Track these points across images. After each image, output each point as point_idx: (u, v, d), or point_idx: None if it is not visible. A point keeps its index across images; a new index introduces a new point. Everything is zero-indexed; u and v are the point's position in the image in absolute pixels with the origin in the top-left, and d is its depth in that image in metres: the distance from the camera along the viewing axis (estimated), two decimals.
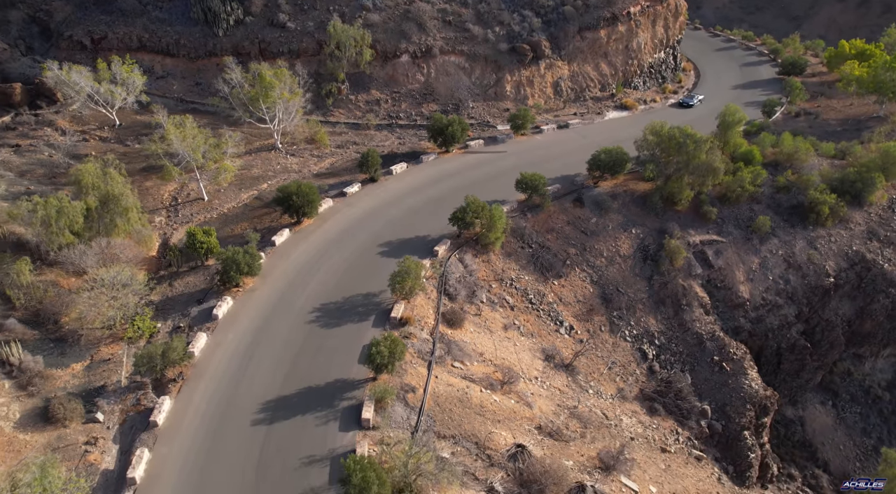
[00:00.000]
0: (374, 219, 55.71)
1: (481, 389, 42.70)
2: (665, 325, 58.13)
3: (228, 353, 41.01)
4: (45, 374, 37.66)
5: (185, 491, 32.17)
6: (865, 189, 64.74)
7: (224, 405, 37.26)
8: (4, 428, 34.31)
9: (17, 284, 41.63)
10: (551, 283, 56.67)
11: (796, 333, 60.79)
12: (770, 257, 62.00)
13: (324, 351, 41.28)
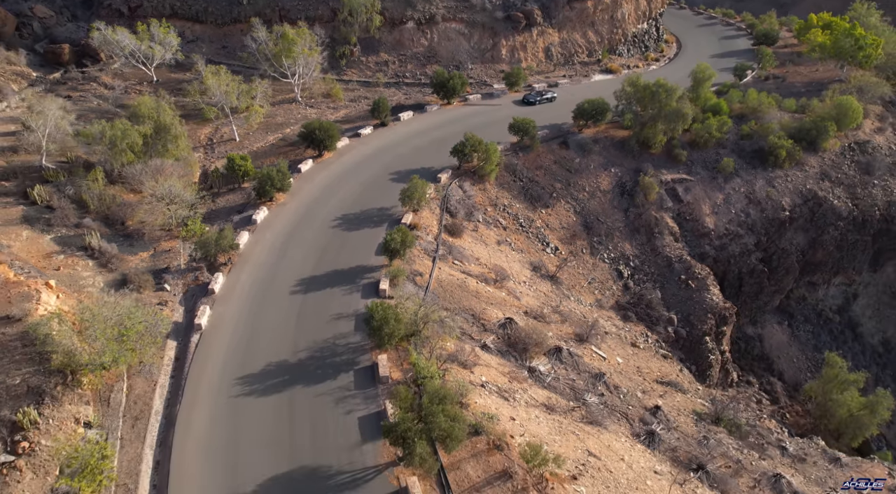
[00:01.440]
0: (385, 154, 64.04)
1: (477, 281, 51.08)
2: (639, 250, 66.46)
3: (266, 247, 49.41)
4: (119, 257, 46.02)
5: (240, 334, 40.60)
6: (820, 136, 73.02)
7: (267, 281, 45.68)
8: (92, 292, 42.62)
9: (92, 191, 50.01)
10: (539, 211, 65.00)
11: (755, 260, 69.06)
12: (733, 194, 70.30)
13: (346, 247, 49.68)
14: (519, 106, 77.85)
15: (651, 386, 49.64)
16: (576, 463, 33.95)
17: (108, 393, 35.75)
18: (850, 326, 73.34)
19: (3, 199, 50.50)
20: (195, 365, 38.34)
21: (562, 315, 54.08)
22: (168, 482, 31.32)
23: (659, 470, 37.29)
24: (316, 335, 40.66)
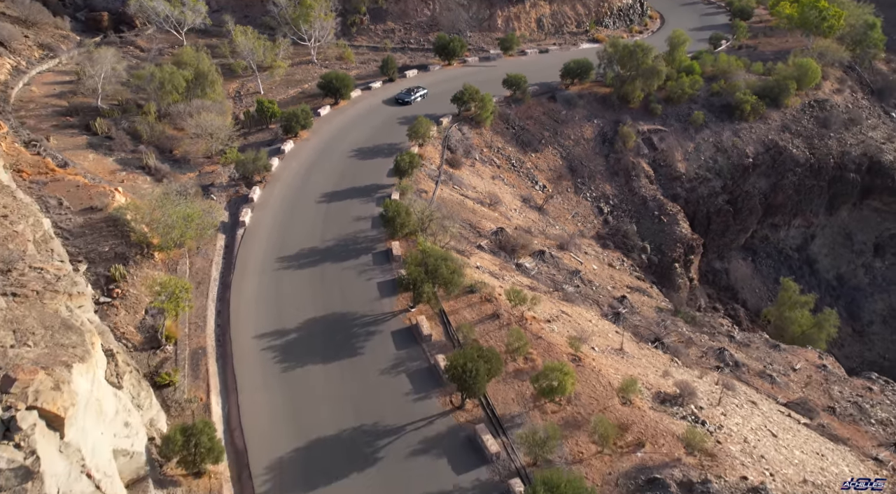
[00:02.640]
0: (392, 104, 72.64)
1: (474, 202, 59.67)
2: (618, 190, 75.01)
3: (294, 170, 58.06)
4: (171, 174, 54.59)
5: (277, 229, 49.26)
6: (782, 94, 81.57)
7: (296, 193, 54.33)
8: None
9: (145, 122, 58.63)
10: (529, 155, 73.58)
11: (722, 201, 77.58)
12: (703, 143, 78.84)
13: (362, 170, 58.31)
14: (391, 106, 72.15)
15: (621, 287, 58.29)
16: (550, 315, 42.57)
17: (174, 265, 44.37)
18: (808, 263, 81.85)
19: (69, 131, 59.10)
20: (242, 249, 46.97)
21: (546, 234, 62.67)
22: (229, 322, 40.00)
23: (619, 331, 45.93)
24: (340, 230, 49.31)
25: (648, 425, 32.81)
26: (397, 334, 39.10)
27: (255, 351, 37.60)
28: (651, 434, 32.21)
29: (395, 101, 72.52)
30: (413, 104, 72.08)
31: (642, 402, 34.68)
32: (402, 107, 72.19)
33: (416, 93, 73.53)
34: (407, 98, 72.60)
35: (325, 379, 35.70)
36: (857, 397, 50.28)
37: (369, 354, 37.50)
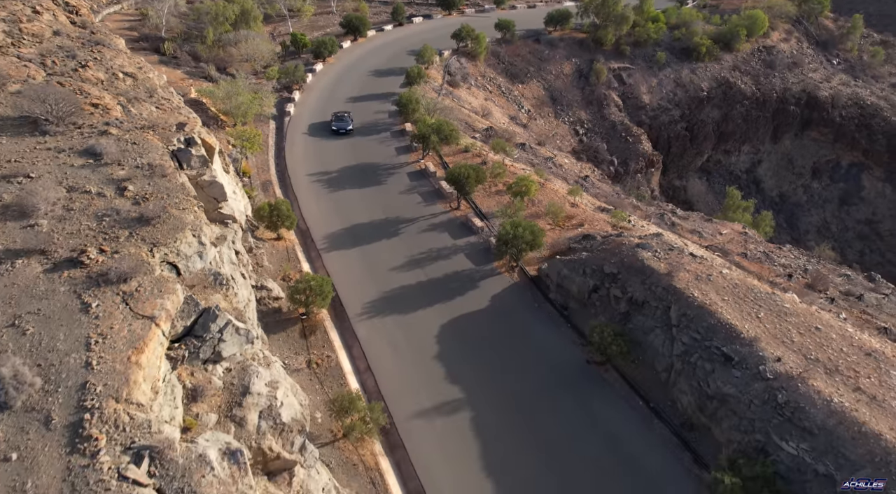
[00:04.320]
0: (403, 41, 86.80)
1: (469, 112, 73.72)
2: (591, 116, 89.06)
3: (324, 82, 72.25)
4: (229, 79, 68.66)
5: (315, 116, 63.41)
6: (733, 39, 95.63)
7: (328, 96, 68.51)
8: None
9: (204, 45, 72.82)
10: (517, 85, 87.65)
11: (680, 128, 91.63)
12: (664, 79, 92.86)
13: (379, 83, 72.45)
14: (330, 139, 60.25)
15: (586, 172, 72.39)
16: (524, 168, 56.64)
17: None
18: (755, 182, 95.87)
19: (142, 52, 73.17)
20: (290, 129, 61.15)
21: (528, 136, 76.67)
22: (286, 165, 54.14)
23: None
24: (364, 118, 63.48)
25: (588, 216, 46.96)
26: (411, 174, 53.31)
27: (307, 182, 51.76)
28: (589, 220, 46.35)
29: (335, 132, 60.57)
30: (348, 135, 60.38)
31: (585, 207, 48.88)
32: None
33: (344, 123, 61.11)
34: (346, 127, 60.70)
35: (359, 196, 49.88)
36: (768, 251, 64.29)
37: (391, 184, 51.69)
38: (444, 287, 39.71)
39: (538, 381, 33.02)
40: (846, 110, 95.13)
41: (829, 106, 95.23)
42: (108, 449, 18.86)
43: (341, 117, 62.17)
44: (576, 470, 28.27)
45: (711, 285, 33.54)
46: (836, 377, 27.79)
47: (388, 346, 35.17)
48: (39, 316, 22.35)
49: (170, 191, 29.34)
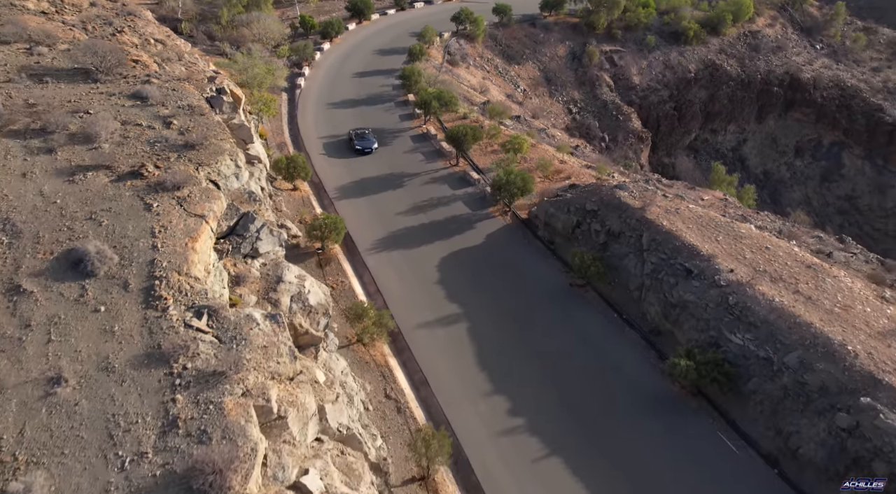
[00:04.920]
0: (405, 24, 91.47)
1: (468, 88, 78.42)
2: (584, 96, 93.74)
3: (332, 59, 76.98)
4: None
5: (324, 89, 68.13)
6: (720, 24, 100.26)
7: (336, 71, 73.21)
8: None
9: (219, 25, 77.54)
10: (513, 66, 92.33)
11: (669, 108, 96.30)
12: (654, 61, 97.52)
13: (383, 60, 77.14)
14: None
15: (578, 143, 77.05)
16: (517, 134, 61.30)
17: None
18: (741, 160, 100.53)
19: None
20: (301, 99, 65.86)
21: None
22: (299, 130, 58.80)
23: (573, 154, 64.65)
24: (370, 91, 68.17)
25: (575, 171, 51.68)
26: (413, 137, 58.07)
27: (319, 143, 56.43)
28: (576, 174, 51.06)
29: (359, 152, 55.23)
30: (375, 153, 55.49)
31: (572, 164, 53.61)
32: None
33: (374, 143, 55.99)
34: (370, 147, 55.35)
35: (366, 157, 54.55)
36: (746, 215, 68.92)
37: (396, 145, 56.43)
38: (445, 228, 44.45)
39: (527, 300, 37.77)
40: (827, 91, 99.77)
41: (811, 87, 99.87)
42: (175, 307, 23.65)
43: (362, 135, 56.31)
44: (556, 364, 33.04)
45: (678, 216, 38.31)
46: (780, 283, 32.55)
47: (395, 274, 39.90)
48: (111, 213, 27.15)
49: (208, 126, 34.09)
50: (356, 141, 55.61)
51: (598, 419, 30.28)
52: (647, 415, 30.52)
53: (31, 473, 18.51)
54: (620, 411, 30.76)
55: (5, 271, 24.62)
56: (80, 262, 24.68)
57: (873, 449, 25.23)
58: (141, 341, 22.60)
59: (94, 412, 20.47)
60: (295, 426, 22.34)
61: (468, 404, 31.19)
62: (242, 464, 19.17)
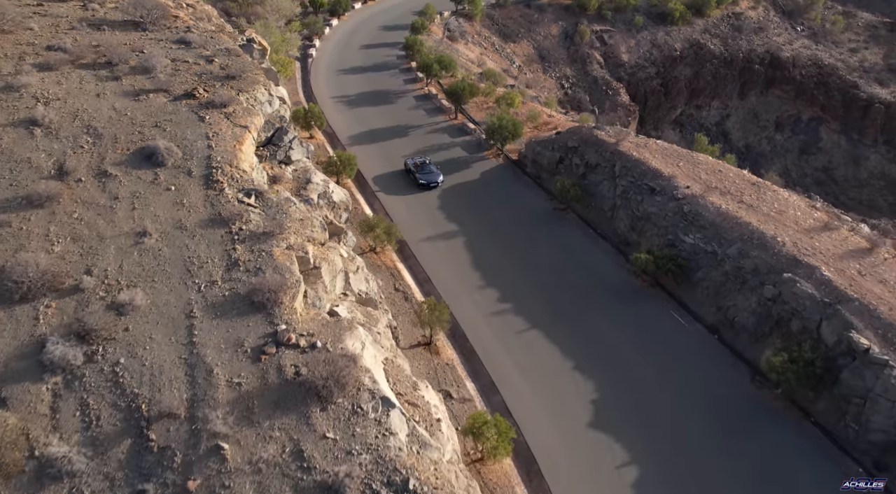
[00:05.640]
0: (408, 3, 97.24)
1: (467, 61, 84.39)
2: (576, 73, 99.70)
3: (341, 34, 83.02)
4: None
5: (334, 58, 74.14)
6: (704, 6, 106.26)
7: (344, 43, 79.26)
8: None
9: (235, 1, 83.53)
10: (509, 44, 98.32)
11: (656, 84, 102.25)
12: (642, 40, 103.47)
13: (388, 35, 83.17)
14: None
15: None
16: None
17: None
18: (724, 134, 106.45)
19: None
20: (313, 66, 71.88)
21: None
22: (312, 90, 64.76)
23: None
24: (376, 60, 74.19)
25: (561, 122, 57.65)
26: (416, 96, 64.13)
27: (332, 102, 62.39)
28: (562, 125, 56.95)
29: (424, 186, 48.12)
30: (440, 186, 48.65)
31: (560, 117, 59.61)
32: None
33: (440, 175, 48.89)
34: (436, 180, 48.27)
35: (375, 111, 60.59)
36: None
37: (400, 103, 62.46)
38: (444, 167, 50.43)
39: (516, 221, 43.85)
40: (806, 70, 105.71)
41: (791, 65, 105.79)
42: (229, 188, 29.83)
43: (423, 165, 48.93)
44: (540, 267, 39.12)
45: (647, 148, 44.37)
46: (727, 196, 38.61)
47: (402, 202, 45.95)
48: (172, 122, 33.35)
49: (244, 65, 40.27)
50: (418, 174, 47.96)
51: (572, 304, 36.33)
52: (614, 301, 36.61)
53: (132, 291, 24.67)
54: (591, 299, 36.83)
55: (93, 161, 30.86)
56: (152, 155, 30.90)
57: (791, 311, 31.27)
58: (205, 210, 28.80)
59: (173, 255, 26.67)
60: (326, 276, 28.49)
61: (465, 294, 37.23)
62: (290, 289, 25.35)
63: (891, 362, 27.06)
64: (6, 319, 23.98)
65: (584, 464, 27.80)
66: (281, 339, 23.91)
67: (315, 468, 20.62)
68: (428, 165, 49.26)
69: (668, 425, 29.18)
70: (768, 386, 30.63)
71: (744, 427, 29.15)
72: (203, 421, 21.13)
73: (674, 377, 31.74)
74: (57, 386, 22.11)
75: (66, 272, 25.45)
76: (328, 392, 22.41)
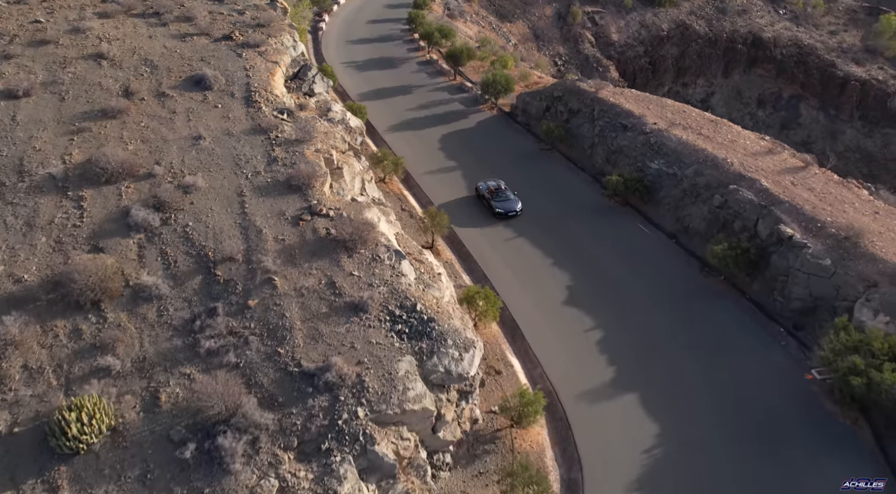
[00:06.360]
0: None
1: (466, 37, 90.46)
2: (568, 51, 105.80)
3: (348, 10, 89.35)
4: None
5: (343, 30, 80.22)
6: None
7: (352, 18, 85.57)
8: None
9: None
10: (506, 23, 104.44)
11: (644, 62, 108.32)
12: (631, 21, 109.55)
13: (392, 13, 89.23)
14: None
15: None
16: None
17: None
18: (709, 109, 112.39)
19: None
20: (323, 38, 77.98)
21: None
22: (323, 56, 70.83)
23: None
24: (381, 32, 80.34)
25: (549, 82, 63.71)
26: (419, 62, 70.32)
27: (342, 67, 68.47)
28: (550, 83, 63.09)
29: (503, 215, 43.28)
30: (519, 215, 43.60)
31: (549, 79, 65.72)
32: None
33: (518, 203, 43.64)
34: (514, 208, 43.25)
35: (382, 74, 66.72)
36: None
37: (405, 68, 68.61)
38: (444, 118, 56.64)
39: (507, 159, 50.06)
40: (786, 50, 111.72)
41: (772, 46, 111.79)
42: (266, 106, 36.18)
43: (499, 190, 43.84)
44: (526, 191, 45.24)
45: (622, 95, 50.54)
46: (689, 130, 44.77)
47: (407, 145, 52.07)
48: (215, 57, 39.63)
49: (271, 16, 46.57)
50: (494, 201, 43.06)
51: (555, 220, 42.52)
52: (591, 217, 42.88)
53: (194, 176, 30.98)
54: (572, 215, 43.03)
55: (152, 85, 37.20)
56: (201, 81, 37.19)
57: (734, 214, 37.44)
58: (247, 122, 35.11)
59: (224, 153, 32.98)
60: (347, 176, 34.74)
61: (463, 213, 43.36)
62: (319, 178, 31.67)
63: (808, 244, 33.22)
64: (97, 195, 30.28)
65: (558, 329, 34.02)
66: (314, 210, 30.23)
67: (344, 293, 26.96)
68: (504, 191, 43.64)
69: (630, 304, 35.39)
70: (714, 275, 36.84)
71: (694, 303, 35.37)
72: (257, 263, 27.46)
73: (638, 271, 37.94)
74: (141, 240, 28.46)
75: (139, 163, 31.80)
76: (353, 245, 28.79)
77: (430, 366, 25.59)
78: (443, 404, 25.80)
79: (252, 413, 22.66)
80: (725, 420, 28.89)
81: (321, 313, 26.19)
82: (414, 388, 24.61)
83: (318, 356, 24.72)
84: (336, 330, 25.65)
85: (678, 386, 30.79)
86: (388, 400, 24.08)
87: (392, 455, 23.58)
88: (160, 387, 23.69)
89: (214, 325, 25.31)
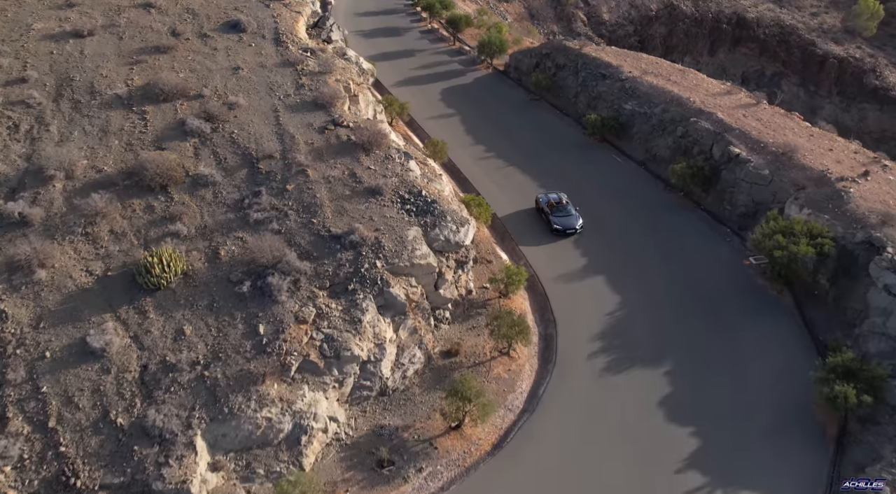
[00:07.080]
0: None
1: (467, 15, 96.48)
2: (562, 29, 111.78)
3: None
4: None
5: (351, 6, 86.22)
6: None
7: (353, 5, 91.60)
8: None
9: None
10: (503, 3, 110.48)
11: (634, 41, 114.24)
12: (621, 1, 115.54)
13: None
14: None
15: None
16: None
17: None
18: None
19: None
20: (332, 11, 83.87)
21: None
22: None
23: None
24: (387, 6, 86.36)
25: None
26: (421, 31, 76.42)
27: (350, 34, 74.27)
28: None
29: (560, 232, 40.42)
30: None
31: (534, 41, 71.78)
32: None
33: (579, 221, 40.41)
34: (574, 225, 40.14)
35: (387, 41, 72.81)
36: None
37: (408, 36, 74.72)
38: (444, 76, 62.77)
39: (500, 107, 56.29)
40: (769, 29, 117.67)
41: (756, 26, 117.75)
42: (292, 46, 42.45)
43: (559, 204, 40.83)
44: (516, 134, 51.46)
45: (604, 51, 56.74)
46: (659, 77, 50.97)
47: (411, 96, 58.07)
48: (247, 8, 46.05)
49: None
50: (553, 217, 40.12)
51: (541, 152, 48.77)
52: (572, 150, 49.13)
53: (236, 96, 37.30)
54: (555, 150, 49.25)
55: (195, 28, 43.47)
56: (236, 25, 43.48)
57: (693, 141, 43.65)
58: (277, 58, 41.39)
59: (259, 80, 39.33)
60: (362, 102, 41.05)
61: (460, 149, 49.56)
62: (340, 99, 38.04)
63: (751, 160, 39.44)
64: (157, 110, 36.67)
65: (542, 233, 40.24)
66: (337, 122, 36.58)
67: (363, 181, 33.34)
68: (566, 206, 40.56)
69: (603, 212, 41.67)
70: (675, 191, 43.11)
71: (657, 213, 41.65)
72: (292, 159, 33.85)
73: (611, 190, 44.28)
74: (196, 143, 34.82)
75: (190, 87, 38.15)
76: (369, 146, 35.16)
77: (433, 235, 31.91)
78: (443, 265, 32.09)
79: (293, 262, 29.01)
80: (678, 293, 35.24)
81: (345, 195, 32.52)
82: (420, 249, 30.95)
83: (344, 224, 31.06)
84: (357, 207, 31.98)
85: (642, 274, 37.06)
86: (400, 255, 30.43)
87: (403, 296, 29.91)
88: (220, 246, 30.02)
89: (260, 203, 31.66)
